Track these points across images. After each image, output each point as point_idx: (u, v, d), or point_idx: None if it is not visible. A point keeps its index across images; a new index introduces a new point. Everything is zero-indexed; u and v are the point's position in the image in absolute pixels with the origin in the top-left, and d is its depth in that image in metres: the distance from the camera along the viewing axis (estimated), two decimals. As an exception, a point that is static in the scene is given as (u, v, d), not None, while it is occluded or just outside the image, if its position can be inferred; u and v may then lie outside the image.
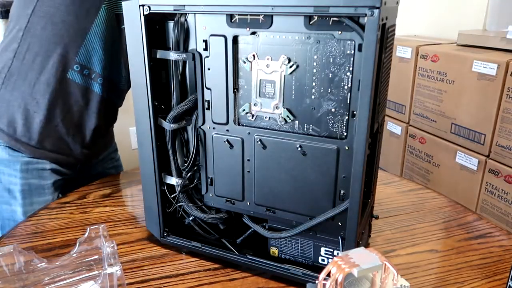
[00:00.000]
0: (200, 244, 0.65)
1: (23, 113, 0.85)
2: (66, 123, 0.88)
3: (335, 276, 0.38)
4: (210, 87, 0.57)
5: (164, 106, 0.62)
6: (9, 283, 0.54)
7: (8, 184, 0.87)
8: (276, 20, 0.51)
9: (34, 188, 0.88)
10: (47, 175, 0.90)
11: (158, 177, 0.64)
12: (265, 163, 0.57)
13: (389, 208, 0.82)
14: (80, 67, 0.87)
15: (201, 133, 0.60)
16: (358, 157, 0.49)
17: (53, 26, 0.84)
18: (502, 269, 0.65)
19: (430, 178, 1.52)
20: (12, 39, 0.86)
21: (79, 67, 0.87)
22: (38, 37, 0.84)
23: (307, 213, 0.57)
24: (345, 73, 0.49)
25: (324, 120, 0.52)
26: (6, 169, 0.86)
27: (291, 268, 0.60)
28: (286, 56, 0.51)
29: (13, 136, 0.85)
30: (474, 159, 1.32)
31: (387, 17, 0.50)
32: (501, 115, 1.21)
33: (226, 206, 0.63)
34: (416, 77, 1.51)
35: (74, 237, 0.72)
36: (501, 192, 1.25)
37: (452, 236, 0.73)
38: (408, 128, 1.60)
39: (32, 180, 0.88)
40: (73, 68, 0.86)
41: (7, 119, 0.85)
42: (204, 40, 0.55)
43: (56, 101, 0.86)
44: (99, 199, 0.85)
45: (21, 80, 0.85)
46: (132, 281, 0.61)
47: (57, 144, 0.89)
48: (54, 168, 0.91)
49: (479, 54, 1.27)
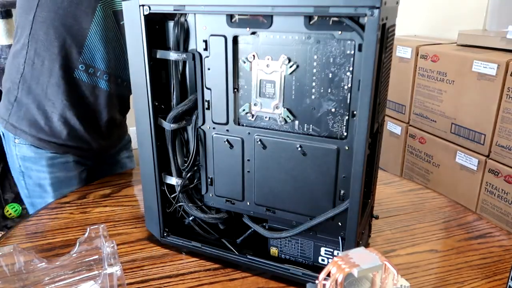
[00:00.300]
0: (200, 244, 0.65)
1: (42, 114, 0.89)
2: (82, 119, 0.92)
3: (335, 276, 0.38)
4: (210, 87, 0.57)
5: (164, 106, 0.62)
6: (9, 283, 0.54)
7: (38, 180, 0.93)
8: (276, 20, 0.51)
9: (62, 180, 0.94)
10: (71, 166, 0.96)
11: (158, 177, 0.64)
12: (265, 163, 0.57)
13: (389, 208, 0.82)
14: (85, 67, 0.90)
15: (201, 133, 0.60)
16: (358, 157, 0.49)
17: (55, 30, 0.86)
18: (502, 269, 0.65)
19: (430, 178, 1.52)
20: (21, 46, 0.89)
21: (84, 67, 0.90)
22: (43, 41, 0.87)
23: (307, 213, 0.57)
24: (345, 73, 0.49)
25: (324, 120, 0.52)
26: (34, 165, 0.92)
27: (291, 268, 0.60)
28: (286, 56, 0.51)
29: (36, 136, 0.90)
30: (474, 159, 1.32)
31: (387, 17, 0.50)
32: (501, 115, 1.21)
33: (226, 206, 0.63)
34: (416, 77, 1.51)
35: (74, 237, 0.72)
36: (501, 192, 1.25)
37: (452, 236, 0.73)
38: (408, 128, 1.60)
39: (59, 173, 0.93)
40: (78, 68, 0.89)
41: (28, 121, 0.90)
42: (204, 40, 0.55)
43: (68, 101, 0.90)
44: (99, 199, 0.85)
45: (35, 84, 0.89)
46: (132, 281, 0.61)
47: (77, 139, 0.93)
48: (77, 160, 0.96)
49: (479, 54, 1.27)
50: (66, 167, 0.94)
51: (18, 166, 0.93)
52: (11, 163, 0.96)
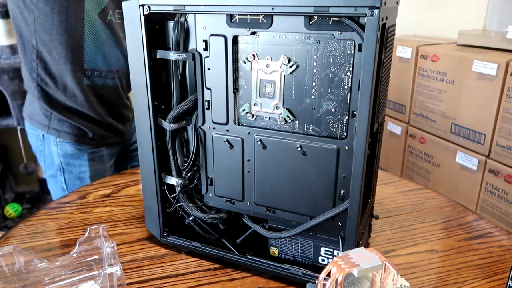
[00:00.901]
0: (200, 244, 0.65)
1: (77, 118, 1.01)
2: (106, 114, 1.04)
3: (335, 276, 0.38)
4: (210, 87, 0.57)
5: (164, 106, 0.62)
6: (9, 283, 0.54)
7: (79, 173, 1.04)
8: (276, 20, 0.51)
9: (98, 172, 1.06)
10: (106, 158, 1.09)
11: (158, 177, 0.64)
12: (265, 163, 0.57)
13: (389, 208, 0.82)
14: (90, 72, 1.00)
15: (201, 133, 0.60)
16: (358, 157, 0.49)
17: (55, 50, 0.95)
18: (502, 269, 0.65)
19: (430, 178, 1.52)
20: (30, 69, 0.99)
21: (90, 73, 1.00)
22: (50, 63, 0.97)
23: (307, 213, 0.57)
24: (345, 73, 0.49)
25: (324, 120, 0.52)
26: (75, 161, 1.04)
27: (291, 268, 0.60)
28: (286, 56, 0.51)
29: (78, 135, 1.01)
30: (474, 159, 1.32)
31: (387, 17, 0.50)
32: (501, 115, 1.21)
33: (226, 206, 0.63)
34: (416, 77, 1.51)
35: (74, 237, 0.72)
36: (501, 192, 1.25)
37: (452, 236, 0.73)
38: (408, 128, 1.60)
39: (97, 166, 1.06)
40: (86, 75, 0.99)
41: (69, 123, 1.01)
42: (204, 40, 0.55)
43: (90, 105, 1.00)
44: (99, 199, 0.85)
45: (57, 98, 1.00)
46: (132, 281, 0.61)
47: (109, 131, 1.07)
48: (109, 152, 1.10)
49: (479, 54, 1.27)
50: (101, 160, 1.07)
51: (59, 163, 1.02)
52: (48, 162, 1.05)
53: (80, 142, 1.02)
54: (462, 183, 1.38)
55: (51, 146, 1.01)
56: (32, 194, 2.14)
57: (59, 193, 1.06)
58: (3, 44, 1.80)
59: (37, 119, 1.01)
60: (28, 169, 1.93)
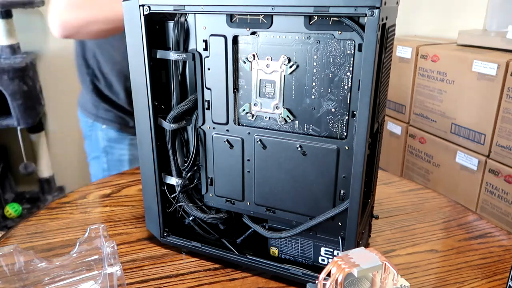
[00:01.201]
0: (200, 244, 0.65)
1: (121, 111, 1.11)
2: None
3: (335, 276, 0.38)
4: (210, 87, 0.57)
5: (164, 106, 0.62)
6: (9, 283, 0.54)
7: (119, 156, 1.16)
8: (276, 20, 0.51)
9: (135, 157, 1.15)
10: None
11: (158, 177, 0.64)
12: (265, 163, 0.57)
13: (389, 208, 0.82)
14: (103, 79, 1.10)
15: (201, 133, 0.60)
16: (358, 157, 0.49)
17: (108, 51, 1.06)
18: (502, 269, 0.65)
19: (430, 178, 1.52)
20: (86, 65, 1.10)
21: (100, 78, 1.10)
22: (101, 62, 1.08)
23: (307, 213, 0.57)
24: (345, 73, 0.49)
25: (324, 120, 0.52)
26: (118, 145, 1.15)
27: (291, 268, 0.60)
28: (286, 56, 0.51)
29: (120, 124, 1.13)
30: (474, 159, 1.32)
31: (387, 17, 0.50)
32: (501, 115, 1.21)
33: (226, 206, 0.63)
34: (416, 77, 1.51)
35: (74, 237, 0.72)
36: (501, 192, 1.25)
37: (452, 236, 0.73)
38: (408, 128, 1.60)
39: (134, 151, 1.15)
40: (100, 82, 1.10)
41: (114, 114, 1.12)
42: (204, 40, 0.55)
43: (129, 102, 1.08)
44: (99, 199, 0.85)
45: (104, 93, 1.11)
46: (132, 281, 0.61)
47: None
48: None
49: (479, 54, 1.27)
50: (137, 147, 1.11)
51: (104, 146, 1.15)
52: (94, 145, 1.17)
53: (123, 130, 1.13)
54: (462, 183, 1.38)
55: (98, 132, 1.14)
56: (32, 194, 2.14)
57: (100, 175, 1.17)
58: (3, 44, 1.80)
59: (87, 108, 1.15)
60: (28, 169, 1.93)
